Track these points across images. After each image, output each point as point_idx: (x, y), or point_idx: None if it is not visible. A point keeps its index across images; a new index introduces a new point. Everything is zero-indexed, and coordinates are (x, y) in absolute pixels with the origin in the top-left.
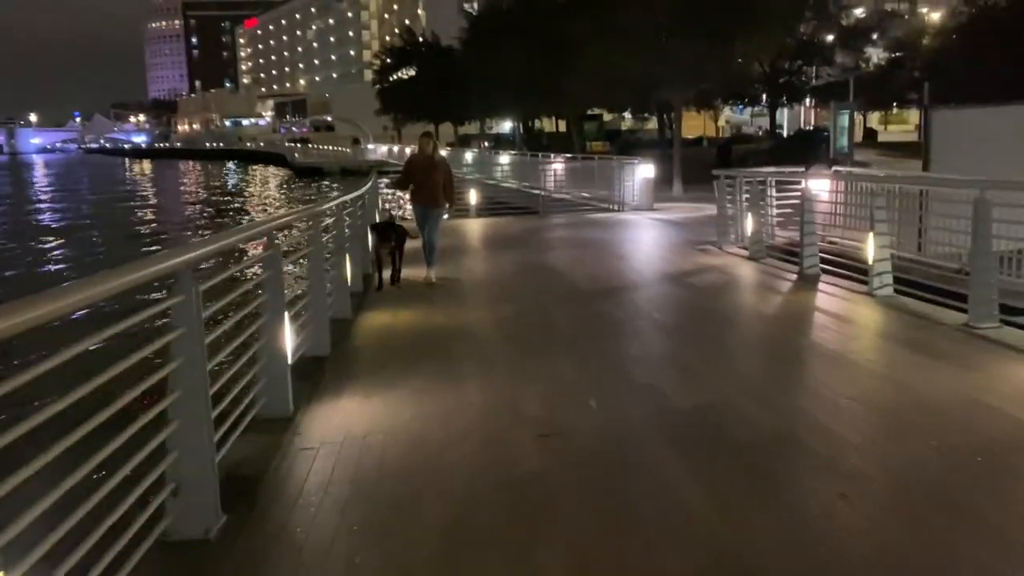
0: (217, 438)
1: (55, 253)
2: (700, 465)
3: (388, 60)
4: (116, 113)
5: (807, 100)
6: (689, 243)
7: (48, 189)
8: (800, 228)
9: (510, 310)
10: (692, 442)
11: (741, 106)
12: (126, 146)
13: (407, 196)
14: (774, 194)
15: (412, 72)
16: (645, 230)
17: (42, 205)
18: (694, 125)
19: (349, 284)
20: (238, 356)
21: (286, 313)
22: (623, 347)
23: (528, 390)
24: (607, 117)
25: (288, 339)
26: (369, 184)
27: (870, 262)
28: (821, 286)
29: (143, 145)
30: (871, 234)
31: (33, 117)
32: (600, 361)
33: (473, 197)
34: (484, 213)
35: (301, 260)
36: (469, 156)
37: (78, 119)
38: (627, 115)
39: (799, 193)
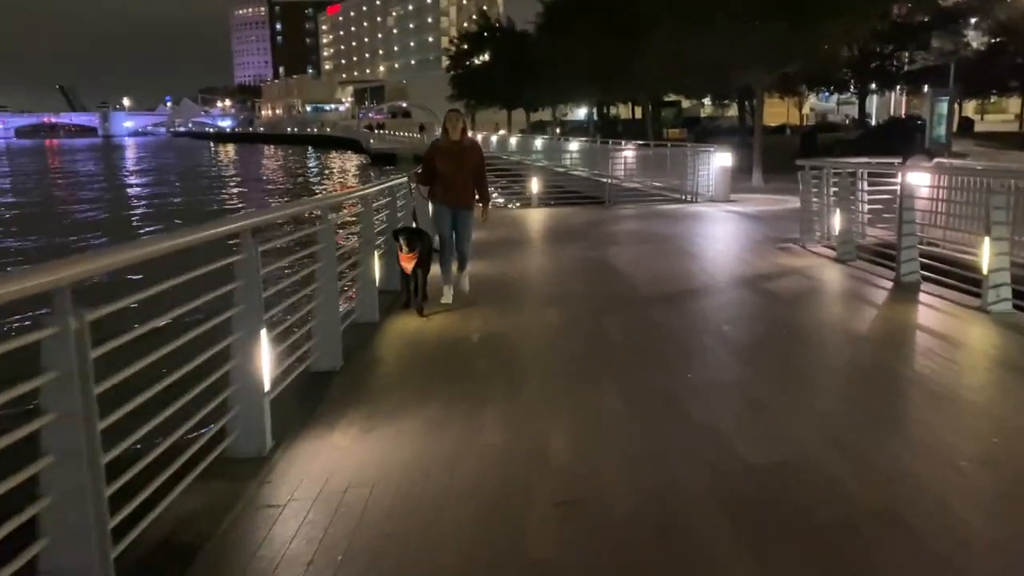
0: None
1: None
2: (769, 557)
3: (463, 46)
4: (203, 98)
5: (897, 87)
6: (768, 240)
7: (137, 169)
8: (897, 228)
9: (556, 316)
10: (759, 519)
11: (827, 93)
12: (211, 130)
13: (425, 192)
14: (866, 188)
15: (486, 58)
16: (719, 224)
17: (132, 181)
18: (777, 112)
19: (377, 283)
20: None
21: (263, 330)
22: (682, 370)
23: (558, 427)
24: (685, 104)
25: (265, 364)
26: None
27: (984, 271)
28: (922, 297)
29: (228, 129)
30: (986, 239)
31: (126, 101)
32: (651, 389)
33: (535, 185)
34: (548, 202)
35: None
36: (539, 143)
37: (169, 104)
38: (706, 102)
39: (895, 188)
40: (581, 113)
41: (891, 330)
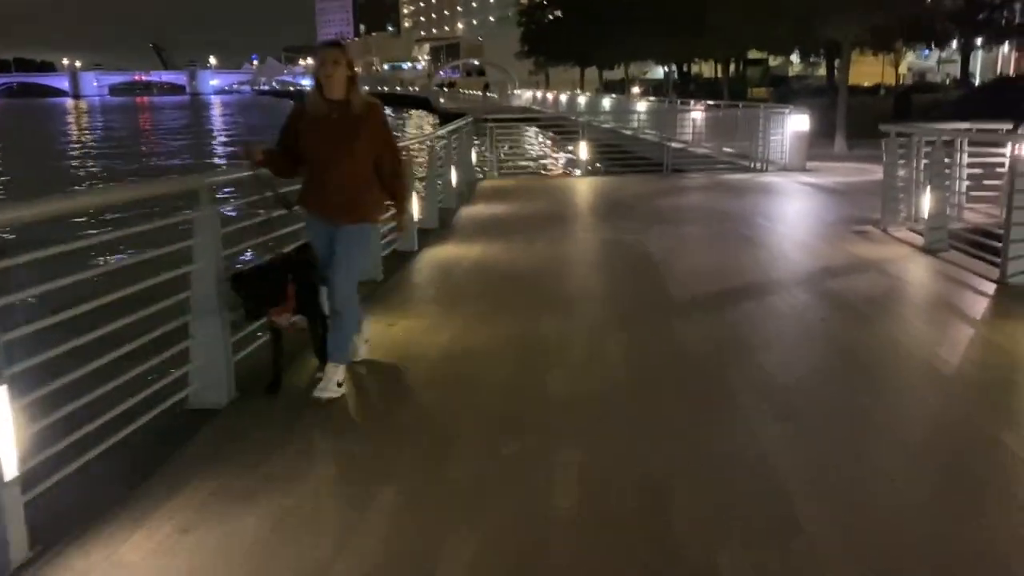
0: None
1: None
2: None
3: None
4: (287, 56)
5: (1006, 43)
6: (842, 221)
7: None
8: (1006, 213)
9: (549, 328)
10: None
11: (926, 50)
12: (291, 88)
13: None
14: (965, 160)
15: (558, 12)
16: (787, 199)
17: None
18: (870, 72)
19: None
20: None
21: None
22: (688, 434)
23: (476, 541)
24: (773, 62)
25: None
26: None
27: None
28: None
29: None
30: None
31: (213, 60)
32: (632, 474)
33: (584, 151)
34: (602, 170)
35: None
36: (607, 103)
37: (255, 62)
38: (795, 59)
39: (1004, 160)
40: (661, 72)
41: (998, 364)
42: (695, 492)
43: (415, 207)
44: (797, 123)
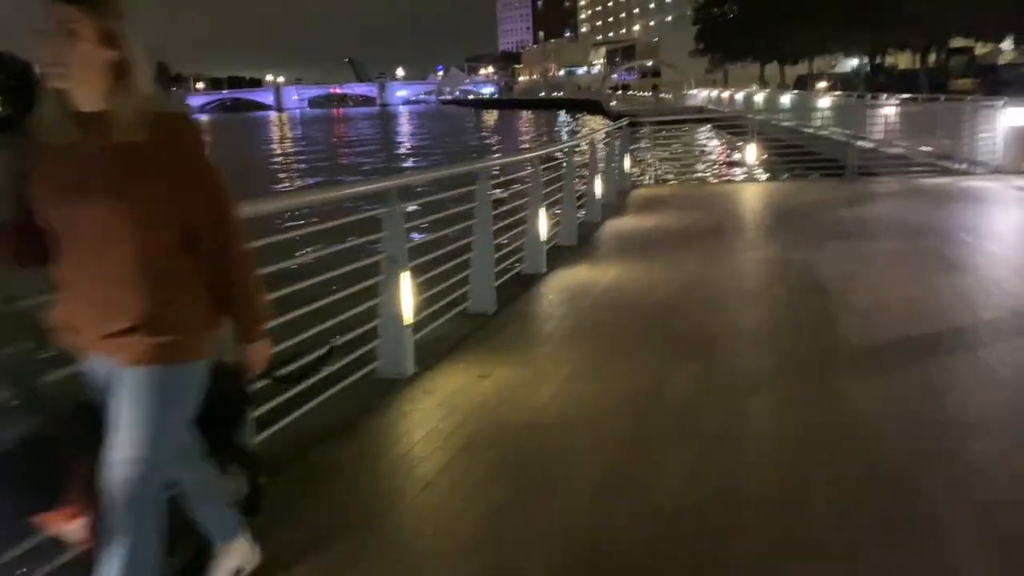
0: None
1: None
2: None
3: None
4: (469, 66)
5: None
6: None
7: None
8: None
9: (684, 382)
10: None
11: None
12: (471, 96)
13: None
14: None
15: (734, 6)
16: (1000, 210)
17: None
18: None
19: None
20: None
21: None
22: None
23: None
24: (981, 50)
25: None
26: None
27: None
28: None
29: (489, 96)
30: None
31: (400, 71)
32: None
33: (751, 154)
34: (776, 174)
35: None
36: (786, 99)
37: (440, 72)
38: (1006, 46)
39: None
40: (851, 65)
41: None
42: None
43: (543, 223)
44: (1013, 117)
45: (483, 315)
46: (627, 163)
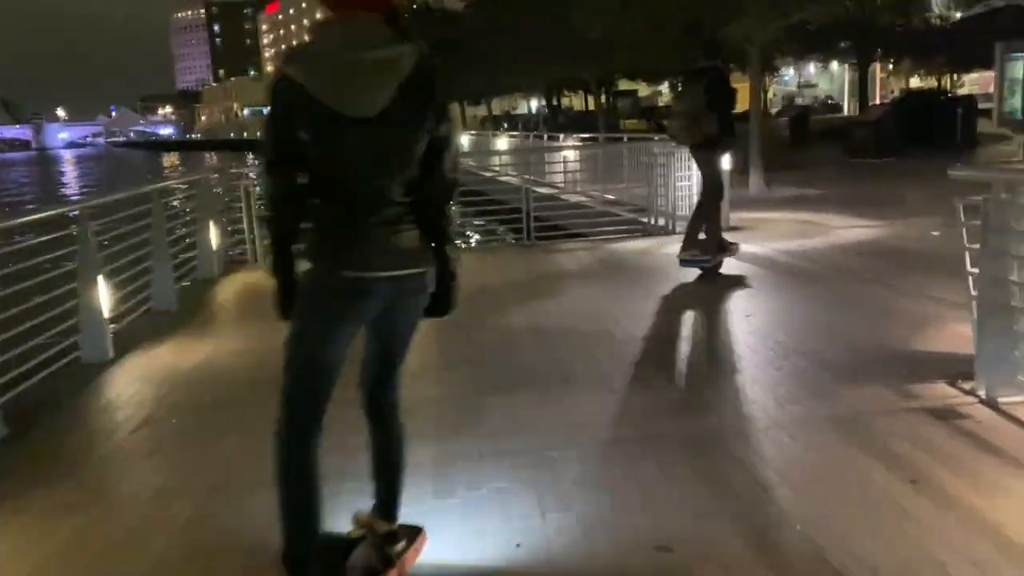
0: None
1: None
2: None
3: None
4: (145, 106)
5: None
6: (876, 369)
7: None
8: None
9: None
10: None
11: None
12: (151, 139)
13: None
14: None
15: None
16: (726, 301)
17: None
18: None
19: None
20: None
21: None
22: None
23: None
24: (643, 93)
25: None
26: None
27: None
28: None
29: (169, 137)
30: None
31: (61, 112)
32: None
33: None
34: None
35: None
36: (464, 140)
37: (114, 113)
38: (664, 88)
39: None
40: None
41: None
42: None
43: None
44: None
45: None
46: (213, 234)
